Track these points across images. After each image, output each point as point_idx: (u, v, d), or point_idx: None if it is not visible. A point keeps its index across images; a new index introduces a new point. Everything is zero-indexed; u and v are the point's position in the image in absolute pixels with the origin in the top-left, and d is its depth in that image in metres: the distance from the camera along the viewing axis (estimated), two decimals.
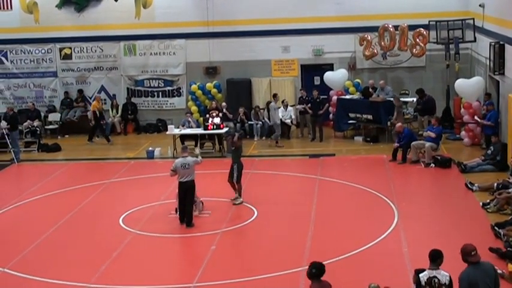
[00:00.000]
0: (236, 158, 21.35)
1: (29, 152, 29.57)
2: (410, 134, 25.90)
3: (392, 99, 28.64)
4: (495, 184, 20.84)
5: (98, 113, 30.58)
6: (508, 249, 15.73)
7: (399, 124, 26.24)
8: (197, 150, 22.68)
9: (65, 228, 19.65)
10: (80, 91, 33.28)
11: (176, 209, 19.97)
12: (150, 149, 27.98)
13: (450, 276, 10.97)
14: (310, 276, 11.31)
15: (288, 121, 29.95)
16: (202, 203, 20.62)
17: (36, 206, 22.13)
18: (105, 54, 33.36)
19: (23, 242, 18.39)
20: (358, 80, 31.63)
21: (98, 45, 33.30)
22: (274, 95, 29.27)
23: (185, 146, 20.51)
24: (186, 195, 19.18)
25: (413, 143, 25.19)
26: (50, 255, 17.53)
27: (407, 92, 30.87)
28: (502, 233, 16.74)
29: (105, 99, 33.19)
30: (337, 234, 18.25)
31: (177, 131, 28.23)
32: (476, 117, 26.19)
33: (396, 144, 25.53)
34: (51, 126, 32.79)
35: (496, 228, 17.32)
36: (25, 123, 30.86)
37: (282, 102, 30.18)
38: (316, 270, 11.31)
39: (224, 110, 29.76)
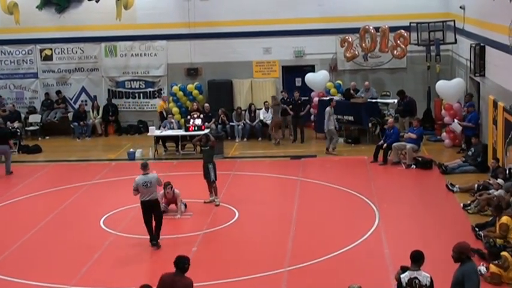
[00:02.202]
0: (210, 157, 21.34)
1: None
2: (397, 134, 25.94)
3: (375, 100, 28.87)
4: (476, 185, 20.95)
5: (165, 113, 30.35)
6: (489, 250, 15.79)
7: (391, 119, 26.36)
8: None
9: (46, 230, 19.57)
10: (58, 92, 33.09)
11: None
12: (131, 150, 27.91)
13: (431, 277, 11.02)
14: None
15: (269, 122, 29.94)
16: (185, 205, 20.60)
17: (17, 207, 22.04)
18: (86, 56, 33.25)
19: (3, 244, 18.30)
20: (339, 82, 31.67)
21: (79, 46, 33.18)
22: (331, 100, 28.62)
23: (146, 163, 18.27)
24: (152, 213, 17.85)
25: (395, 144, 25.27)
26: (30, 257, 17.44)
27: (388, 93, 30.96)
28: (482, 235, 16.80)
29: (85, 101, 33.12)
30: (319, 235, 18.28)
31: (158, 133, 28.20)
32: (453, 126, 26.25)
33: (381, 142, 25.57)
34: (31, 128, 32.61)
35: (476, 229, 17.40)
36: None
37: (264, 104, 30.22)
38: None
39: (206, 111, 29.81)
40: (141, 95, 33.22)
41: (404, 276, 11.00)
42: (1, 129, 27.52)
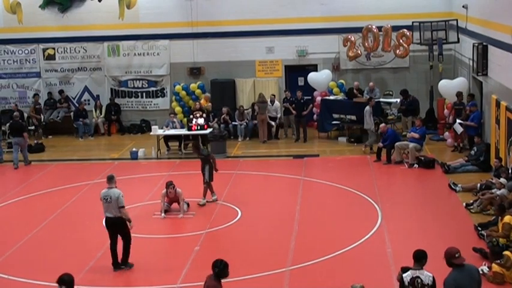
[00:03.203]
0: (206, 162, 21.24)
1: (11, 153, 29.40)
2: (394, 134, 25.96)
3: (378, 100, 28.92)
4: (478, 185, 20.95)
5: (207, 112, 30.21)
6: (492, 249, 15.79)
7: (383, 124, 26.34)
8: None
9: (49, 229, 19.60)
10: (61, 92, 33.12)
11: (161, 210, 20.04)
12: (134, 149, 27.92)
13: (433, 277, 10.98)
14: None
15: (274, 114, 30.00)
16: (188, 204, 20.62)
17: (20, 206, 22.07)
18: (89, 55, 33.28)
19: (6, 243, 18.33)
20: (342, 81, 31.67)
21: (82, 46, 33.22)
22: (370, 99, 28.38)
23: (111, 176, 16.61)
24: (116, 233, 16.40)
25: (397, 143, 25.26)
26: (33, 256, 17.46)
27: (391, 92, 30.95)
28: (485, 234, 16.79)
29: (88, 100, 33.15)
30: (321, 234, 18.27)
31: (161, 132, 28.22)
32: (455, 126, 26.24)
33: (380, 145, 25.61)
34: (34, 127, 32.65)
35: (479, 228, 17.39)
36: (8, 124, 30.69)
37: (270, 96, 30.30)
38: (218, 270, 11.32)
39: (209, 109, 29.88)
40: (144, 94, 33.24)
41: (407, 276, 10.99)
42: (16, 122, 28.11)
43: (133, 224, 16.45)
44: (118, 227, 16.26)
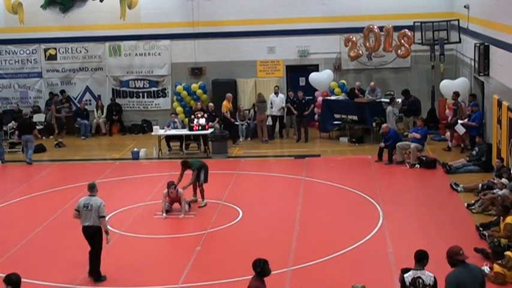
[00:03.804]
0: (199, 170, 21.15)
1: (13, 153, 29.47)
2: (396, 134, 25.96)
3: (381, 100, 28.94)
4: (480, 185, 20.93)
5: (228, 114, 29.84)
6: (493, 249, 15.78)
7: (385, 125, 26.34)
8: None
9: (50, 229, 19.59)
10: (62, 92, 33.11)
11: (162, 210, 20.05)
12: (135, 149, 27.91)
13: (435, 277, 10.97)
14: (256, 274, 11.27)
15: (278, 108, 29.91)
16: (189, 205, 20.63)
17: (21, 206, 22.08)
18: (90, 55, 33.28)
19: (8, 242, 18.32)
20: (343, 81, 31.66)
21: (83, 46, 33.22)
22: (392, 99, 28.33)
23: (93, 184, 16.18)
24: (91, 243, 15.85)
25: (399, 144, 25.25)
26: (35, 256, 17.46)
27: (392, 93, 30.92)
28: (486, 234, 16.78)
29: (89, 100, 33.17)
30: (323, 235, 18.26)
31: (162, 132, 28.22)
32: (457, 127, 26.24)
33: (382, 144, 25.60)
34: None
35: (480, 229, 17.38)
36: (10, 124, 30.72)
37: (274, 88, 30.41)
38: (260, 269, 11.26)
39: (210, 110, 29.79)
40: (145, 94, 33.24)
41: (408, 276, 10.97)
42: (25, 120, 28.59)
43: (110, 238, 15.99)
44: (94, 236, 15.71)
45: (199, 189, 21.12)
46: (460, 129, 25.99)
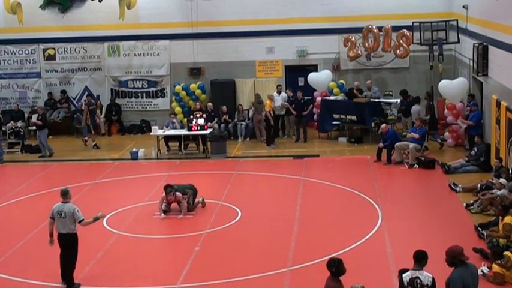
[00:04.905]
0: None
1: (12, 153, 29.47)
2: (395, 134, 25.96)
3: (378, 99, 28.93)
4: (479, 185, 20.94)
5: (271, 113, 29.30)
6: (492, 249, 15.79)
7: (384, 125, 26.35)
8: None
9: None
10: (63, 92, 33.17)
11: (160, 211, 20.04)
12: (134, 150, 27.91)
13: (433, 278, 10.97)
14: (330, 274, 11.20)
15: (284, 104, 29.78)
16: (204, 201, 20.70)
17: (20, 207, 22.06)
18: (89, 55, 33.29)
19: (6, 243, 18.33)
20: (342, 81, 31.67)
21: (82, 46, 33.22)
22: (418, 98, 28.33)
23: (66, 190, 15.84)
24: (65, 251, 15.47)
25: (397, 144, 25.26)
26: (34, 257, 17.45)
27: (391, 93, 30.93)
28: (485, 234, 16.79)
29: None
30: (321, 235, 18.26)
31: (161, 132, 28.22)
32: (459, 120, 26.26)
33: (381, 144, 25.61)
34: (34, 127, 32.56)
35: (479, 229, 17.39)
36: (8, 124, 30.68)
37: (277, 87, 30.33)
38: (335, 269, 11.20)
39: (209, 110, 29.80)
40: (144, 94, 33.25)
41: (406, 276, 10.98)
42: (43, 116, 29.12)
43: (102, 215, 16.22)
44: (69, 244, 15.35)
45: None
46: (461, 125, 26.05)
